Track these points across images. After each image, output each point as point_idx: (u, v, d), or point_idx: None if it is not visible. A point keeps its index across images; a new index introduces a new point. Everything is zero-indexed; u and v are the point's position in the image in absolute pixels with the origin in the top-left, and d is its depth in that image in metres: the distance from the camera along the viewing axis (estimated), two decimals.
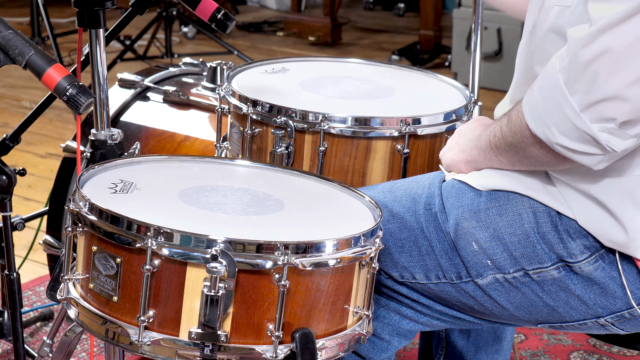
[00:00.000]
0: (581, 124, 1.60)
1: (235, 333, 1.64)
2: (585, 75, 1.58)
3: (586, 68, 1.58)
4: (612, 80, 1.57)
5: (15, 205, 2.50)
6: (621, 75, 1.56)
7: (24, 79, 5.47)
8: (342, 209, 1.85)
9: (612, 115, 1.58)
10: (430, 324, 1.97)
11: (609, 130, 1.60)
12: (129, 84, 2.80)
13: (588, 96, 1.58)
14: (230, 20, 2.24)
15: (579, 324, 1.85)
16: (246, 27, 6.89)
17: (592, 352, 2.99)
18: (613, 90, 1.57)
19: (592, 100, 1.58)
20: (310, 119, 2.06)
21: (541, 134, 1.66)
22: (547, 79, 1.63)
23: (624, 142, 1.61)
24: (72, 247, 1.77)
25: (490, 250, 1.81)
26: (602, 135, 1.60)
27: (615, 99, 1.57)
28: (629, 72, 1.56)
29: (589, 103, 1.58)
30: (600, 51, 1.56)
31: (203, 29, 5.70)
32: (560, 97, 1.61)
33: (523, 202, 1.80)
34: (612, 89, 1.57)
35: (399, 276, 1.92)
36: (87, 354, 2.89)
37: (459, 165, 1.90)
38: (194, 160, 2.00)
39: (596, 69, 1.57)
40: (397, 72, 2.43)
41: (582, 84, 1.58)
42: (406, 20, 7.25)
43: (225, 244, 1.60)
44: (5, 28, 1.75)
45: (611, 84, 1.57)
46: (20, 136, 2.50)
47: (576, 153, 1.64)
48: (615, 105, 1.57)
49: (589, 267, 1.77)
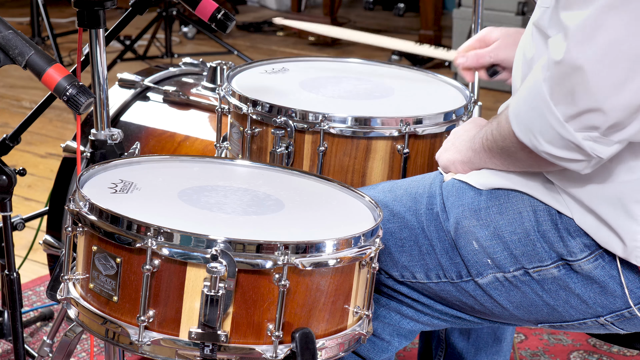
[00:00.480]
0: (566, 133, 1.62)
1: (235, 333, 1.64)
2: (564, 89, 1.60)
3: (563, 83, 1.60)
4: (587, 95, 1.58)
5: (15, 205, 2.50)
6: (594, 90, 1.58)
7: (24, 79, 5.47)
8: (342, 209, 1.85)
9: (594, 125, 1.60)
10: (430, 323, 1.97)
11: (593, 139, 1.62)
12: (129, 84, 2.80)
13: (570, 108, 1.60)
14: (230, 20, 2.24)
15: (579, 323, 1.85)
16: (246, 27, 6.89)
17: (592, 352, 2.99)
18: (591, 104, 1.59)
19: (574, 112, 1.60)
20: (310, 119, 2.06)
21: (527, 141, 1.67)
22: (532, 88, 1.65)
23: (609, 148, 1.63)
24: (72, 247, 1.77)
25: (490, 249, 1.82)
26: (587, 144, 1.62)
27: (595, 111, 1.59)
28: (601, 87, 1.58)
29: (571, 114, 1.61)
30: (572, 68, 1.58)
31: (203, 29, 5.70)
32: (545, 108, 1.62)
33: (523, 200, 1.80)
34: (589, 103, 1.59)
35: (400, 276, 1.92)
36: (87, 354, 2.89)
37: (455, 165, 1.91)
38: (194, 160, 2.00)
39: (572, 85, 1.59)
40: (397, 72, 2.43)
41: (563, 97, 1.60)
42: (406, 20, 7.25)
43: (225, 244, 1.60)
44: (5, 28, 1.75)
45: (587, 99, 1.59)
46: (20, 136, 2.50)
47: (562, 160, 1.66)
48: (596, 116, 1.59)
49: (589, 266, 1.77)
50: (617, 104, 1.58)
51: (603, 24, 1.56)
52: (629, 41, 1.56)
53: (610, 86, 1.58)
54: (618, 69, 1.57)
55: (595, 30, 1.56)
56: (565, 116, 1.61)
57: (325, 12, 6.53)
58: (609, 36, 1.56)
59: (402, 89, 2.31)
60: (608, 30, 1.56)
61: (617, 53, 1.56)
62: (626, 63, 1.57)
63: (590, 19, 1.56)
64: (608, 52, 1.56)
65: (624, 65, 1.57)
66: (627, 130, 1.61)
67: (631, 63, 1.57)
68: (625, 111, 1.59)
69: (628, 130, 1.61)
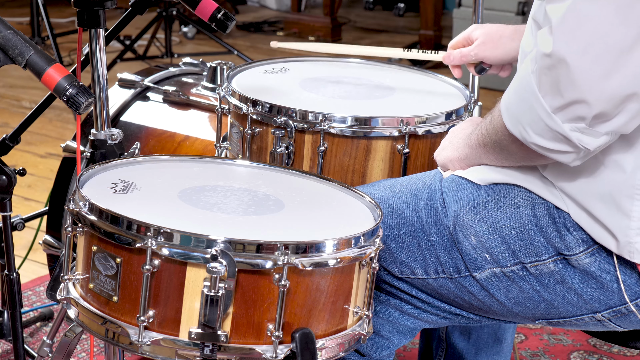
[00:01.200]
0: (553, 124, 1.63)
1: (235, 333, 1.64)
2: (550, 81, 1.61)
3: (549, 75, 1.61)
4: (572, 87, 1.59)
5: (15, 205, 2.50)
6: (578, 83, 1.59)
7: (24, 78, 5.47)
8: (342, 209, 1.85)
9: (580, 115, 1.61)
10: (429, 320, 1.97)
11: (580, 130, 1.63)
12: (129, 84, 2.80)
13: (556, 99, 1.61)
14: (230, 20, 2.24)
15: (576, 319, 1.85)
16: (246, 27, 6.89)
17: (592, 352, 2.99)
18: (576, 95, 1.60)
19: (560, 104, 1.61)
20: (310, 118, 2.06)
21: (517, 133, 1.69)
22: (521, 80, 1.66)
23: (597, 139, 1.64)
24: (72, 247, 1.77)
25: (488, 244, 1.82)
26: (574, 135, 1.63)
27: (580, 102, 1.60)
28: (585, 79, 1.59)
29: (558, 106, 1.62)
30: (557, 61, 1.59)
31: (203, 29, 5.70)
32: (533, 99, 1.63)
33: (521, 195, 1.81)
34: (574, 95, 1.60)
35: (398, 272, 1.92)
36: (87, 354, 2.89)
37: (453, 163, 1.92)
38: (194, 160, 2.00)
39: (557, 76, 1.60)
40: (397, 72, 2.43)
41: (550, 88, 1.62)
42: (406, 20, 7.25)
43: (225, 244, 1.60)
44: (5, 28, 1.75)
45: (572, 91, 1.60)
46: (20, 136, 2.50)
47: (551, 152, 1.67)
48: (581, 107, 1.60)
49: (586, 260, 1.77)
50: (602, 96, 1.59)
51: (583, 16, 1.57)
52: (612, 33, 1.57)
53: (594, 78, 1.58)
54: (601, 61, 1.58)
55: (576, 22, 1.58)
56: (553, 107, 1.62)
57: (325, 12, 6.53)
58: (591, 28, 1.57)
59: (402, 89, 2.31)
60: (590, 22, 1.57)
61: (600, 45, 1.57)
62: (609, 55, 1.57)
63: (570, 10, 1.57)
64: (591, 45, 1.57)
65: (608, 58, 1.57)
66: (613, 121, 1.62)
67: (614, 55, 1.57)
68: (610, 102, 1.60)
69: (614, 121, 1.62)
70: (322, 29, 6.49)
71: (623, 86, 1.59)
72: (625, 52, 1.57)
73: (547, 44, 1.60)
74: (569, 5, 1.58)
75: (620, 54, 1.57)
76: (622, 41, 1.57)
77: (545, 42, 1.61)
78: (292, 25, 6.66)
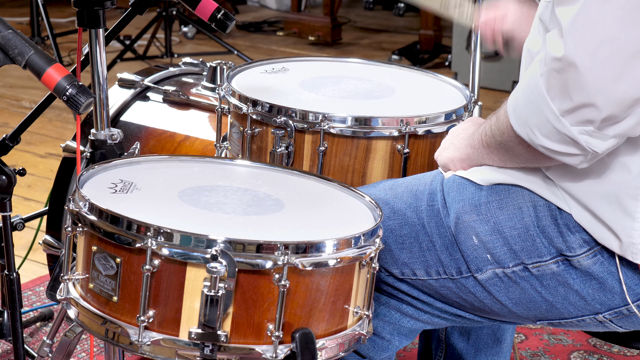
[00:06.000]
0: (561, 127, 1.63)
1: (235, 333, 1.64)
2: (559, 84, 1.61)
3: (558, 78, 1.61)
4: (581, 91, 1.60)
5: (15, 205, 2.49)
6: (588, 86, 1.59)
7: (24, 78, 5.47)
8: (342, 209, 1.85)
9: (589, 119, 1.62)
10: (431, 322, 1.97)
11: (589, 133, 1.63)
12: (129, 84, 2.80)
13: (565, 102, 1.62)
14: (230, 20, 2.24)
15: (577, 320, 1.85)
16: (246, 27, 6.89)
17: (593, 352, 2.99)
18: (585, 99, 1.60)
19: (569, 107, 1.62)
20: (310, 118, 2.06)
21: (524, 135, 1.69)
22: (530, 82, 1.66)
23: (605, 142, 1.64)
24: (72, 247, 1.77)
25: (490, 244, 1.82)
26: (583, 138, 1.63)
27: (589, 106, 1.60)
28: (594, 83, 1.59)
29: (567, 109, 1.62)
30: (567, 64, 1.59)
31: (203, 29, 5.70)
32: (541, 101, 1.63)
33: (523, 195, 1.81)
34: (583, 98, 1.60)
35: (400, 273, 1.92)
36: (87, 354, 2.89)
37: (454, 163, 1.91)
38: (194, 160, 2.00)
39: (567, 80, 1.60)
40: (397, 72, 2.43)
41: (559, 91, 1.62)
42: (406, 20, 7.25)
43: (225, 244, 1.60)
44: (5, 28, 1.75)
45: (581, 94, 1.60)
46: (20, 136, 2.50)
47: (558, 154, 1.67)
48: (590, 110, 1.61)
49: (588, 261, 1.77)
50: (611, 99, 1.59)
51: (593, 19, 1.57)
52: (621, 36, 1.57)
53: (603, 82, 1.58)
54: (611, 65, 1.58)
55: (586, 25, 1.57)
56: (561, 110, 1.62)
57: (325, 12, 6.53)
58: (601, 31, 1.57)
59: (402, 89, 2.31)
60: (600, 26, 1.57)
61: (609, 49, 1.57)
62: (619, 59, 1.57)
63: (580, 14, 1.57)
64: (600, 48, 1.57)
65: (617, 61, 1.57)
66: (622, 124, 1.62)
67: (624, 58, 1.57)
68: (619, 106, 1.60)
69: (623, 124, 1.62)
70: (322, 29, 6.48)
71: (632, 90, 1.59)
72: (635, 56, 1.57)
73: (558, 48, 1.60)
74: (580, 9, 1.57)
75: (630, 58, 1.57)
76: (633, 45, 1.57)
77: (555, 45, 1.60)
78: (292, 25, 6.65)
